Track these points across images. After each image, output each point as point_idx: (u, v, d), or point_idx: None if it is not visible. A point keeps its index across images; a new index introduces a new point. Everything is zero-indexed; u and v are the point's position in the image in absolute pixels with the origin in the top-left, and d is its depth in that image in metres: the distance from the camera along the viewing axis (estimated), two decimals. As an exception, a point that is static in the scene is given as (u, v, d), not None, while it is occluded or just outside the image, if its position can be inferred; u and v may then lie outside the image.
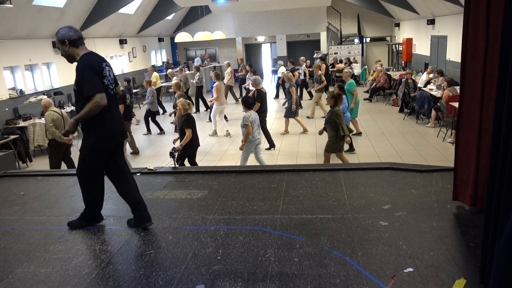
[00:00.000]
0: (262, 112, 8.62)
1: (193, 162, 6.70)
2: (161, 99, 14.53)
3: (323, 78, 12.32)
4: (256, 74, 11.96)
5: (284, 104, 11.27)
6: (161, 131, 11.11)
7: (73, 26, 3.42)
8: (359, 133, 9.71)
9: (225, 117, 11.67)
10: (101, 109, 3.22)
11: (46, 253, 3.21)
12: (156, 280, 2.74)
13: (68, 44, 3.29)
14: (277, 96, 15.81)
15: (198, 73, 13.51)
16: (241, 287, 2.61)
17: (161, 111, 13.06)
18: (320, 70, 12.82)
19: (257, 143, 6.74)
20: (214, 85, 10.68)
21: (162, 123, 11.46)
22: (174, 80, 11.95)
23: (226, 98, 12.35)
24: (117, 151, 3.56)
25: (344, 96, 8.44)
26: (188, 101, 6.76)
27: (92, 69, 3.22)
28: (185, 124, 6.32)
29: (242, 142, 6.57)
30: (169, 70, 14.86)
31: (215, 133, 10.56)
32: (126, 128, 3.72)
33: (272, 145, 8.94)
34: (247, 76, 13.64)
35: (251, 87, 10.30)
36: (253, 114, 6.62)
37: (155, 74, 14.35)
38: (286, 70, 13.84)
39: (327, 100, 8.19)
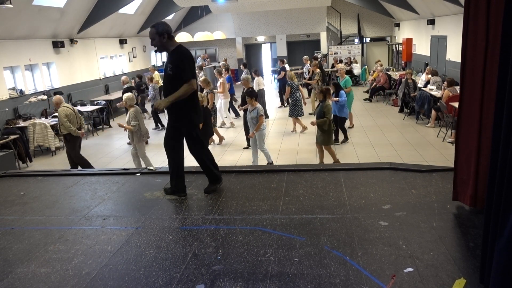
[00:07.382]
0: None
1: None
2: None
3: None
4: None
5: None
6: (157, 127, 11.63)
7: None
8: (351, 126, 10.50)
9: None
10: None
11: (46, 253, 3.21)
12: (156, 280, 2.74)
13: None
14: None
15: (202, 72, 13.52)
16: (241, 287, 2.61)
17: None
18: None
19: None
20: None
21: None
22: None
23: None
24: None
25: (342, 92, 8.89)
26: None
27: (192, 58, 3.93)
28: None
29: None
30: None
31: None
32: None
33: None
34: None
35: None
36: None
37: (156, 73, 14.29)
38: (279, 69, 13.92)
39: (316, 96, 8.67)
